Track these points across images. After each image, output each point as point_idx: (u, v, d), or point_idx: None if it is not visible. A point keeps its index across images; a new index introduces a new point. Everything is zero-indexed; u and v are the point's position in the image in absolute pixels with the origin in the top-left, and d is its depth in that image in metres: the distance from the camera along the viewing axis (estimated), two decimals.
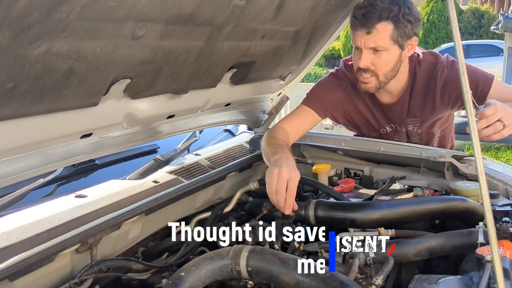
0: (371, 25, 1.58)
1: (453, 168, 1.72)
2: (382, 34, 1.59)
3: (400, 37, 1.61)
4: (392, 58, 1.64)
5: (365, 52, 1.63)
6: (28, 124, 0.99)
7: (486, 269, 0.96)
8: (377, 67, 1.64)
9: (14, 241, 0.99)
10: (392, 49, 1.62)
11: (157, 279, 1.20)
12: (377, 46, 1.61)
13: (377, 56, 1.63)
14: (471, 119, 0.82)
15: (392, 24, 1.58)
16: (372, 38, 1.60)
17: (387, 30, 1.59)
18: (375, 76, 1.66)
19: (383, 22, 1.58)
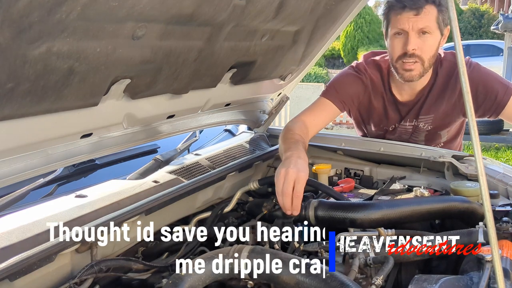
0: (420, 6, 1.59)
1: (453, 168, 1.72)
2: (430, 16, 1.60)
3: (442, 22, 1.63)
4: (435, 43, 1.66)
5: (413, 35, 1.62)
6: (28, 124, 0.99)
7: (486, 269, 0.96)
8: (423, 51, 1.64)
9: (14, 241, 0.99)
10: (435, 33, 1.64)
11: (157, 279, 1.20)
12: (425, 27, 1.61)
13: (422, 40, 1.63)
14: (471, 119, 0.82)
15: (435, 8, 1.61)
16: (421, 19, 1.60)
17: (433, 13, 1.61)
18: (420, 61, 1.66)
19: (430, 4, 1.60)
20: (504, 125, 7.95)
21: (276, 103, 2.06)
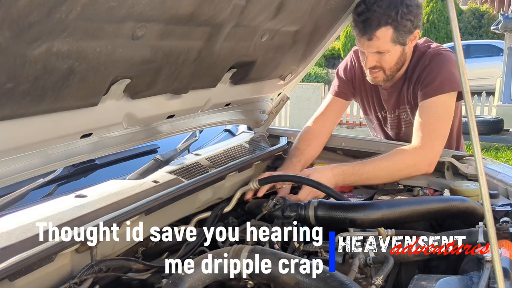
0: (371, 33, 1.64)
1: (453, 168, 1.72)
2: (382, 40, 1.65)
3: (401, 37, 1.66)
4: (395, 55, 1.71)
5: (369, 56, 1.72)
6: (28, 124, 0.99)
7: (486, 269, 0.96)
8: (382, 64, 1.73)
9: (14, 241, 0.99)
10: (394, 49, 1.69)
11: (157, 279, 1.20)
12: (379, 50, 1.68)
13: (380, 56, 1.70)
14: (471, 119, 0.82)
15: (391, 28, 1.63)
16: (373, 44, 1.67)
17: (387, 35, 1.65)
18: (382, 70, 1.75)
19: (382, 28, 1.63)
20: (504, 125, 7.95)
21: (276, 103, 2.06)
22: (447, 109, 1.70)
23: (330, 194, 1.50)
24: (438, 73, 1.69)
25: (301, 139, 1.93)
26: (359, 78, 1.95)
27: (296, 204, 1.37)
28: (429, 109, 1.68)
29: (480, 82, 11.29)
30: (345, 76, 1.97)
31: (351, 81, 1.96)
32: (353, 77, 1.96)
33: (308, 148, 1.88)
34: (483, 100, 8.84)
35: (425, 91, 1.71)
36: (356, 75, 1.95)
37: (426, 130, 1.66)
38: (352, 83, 1.97)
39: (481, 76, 11.78)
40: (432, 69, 1.72)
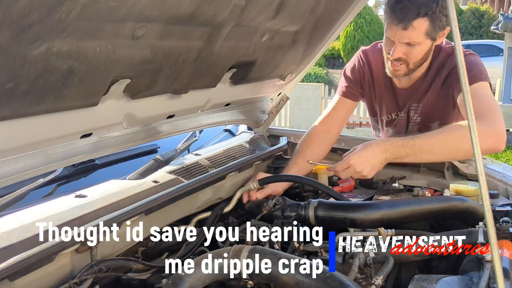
0: (408, 22, 1.58)
1: (453, 168, 1.72)
2: (417, 31, 1.59)
3: (434, 31, 1.61)
4: (424, 50, 1.67)
5: (398, 46, 1.65)
6: (28, 124, 0.99)
7: (486, 269, 0.96)
8: (408, 58, 1.67)
9: (14, 241, 0.99)
10: (425, 43, 1.64)
11: (157, 279, 1.20)
12: (411, 41, 1.62)
13: (409, 49, 1.65)
14: (471, 119, 0.82)
15: (428, 20, 1.58)
16: (407, 34, 1.60)
17: (423, 27, 1.59)
18: (405, 64, 1.69)
19: (420, 18, 1.57)
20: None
21: (276, 103, 2.07)
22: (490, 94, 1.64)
23: (330, 194, 1.50)
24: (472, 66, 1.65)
25: (302, 141, 1.89)
26: (368, 79, 1.91)
27: (296, 204, 1.37)
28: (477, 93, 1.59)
29: None
30: (353, 77, 1.93)
31: (360, 82, 1.93)
32: (362, 78, 1.92)
33: (307, 150, 1.83)
34: None
35: None
36: (365, 75, 1.91)
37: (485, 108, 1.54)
38: (361, 83, 1.93)
39: None
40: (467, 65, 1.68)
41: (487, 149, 1.52)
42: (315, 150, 1.84)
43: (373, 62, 1.88)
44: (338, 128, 1.94)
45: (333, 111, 1.94)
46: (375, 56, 1.86)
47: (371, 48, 1.92)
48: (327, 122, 1.92)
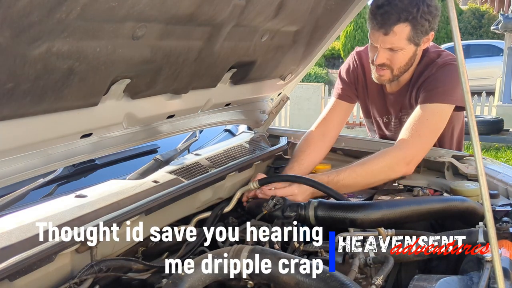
0: (389, 27, 1.60)
1: (453, 168, 1.72)
2: (399, 36, 1.61)
3: (417, 36, 1.63)
4: (407, 55, 1.68)
5: (381, 51, 1.67)
6: (28, 124, 0.99)
7: (486, 269, 0.96)
8: (392, 63, 1.69)
9: (14, 241, 0.99)
10: (407, 48, 1.66)
11: (157, 279, 1.20)
12: (394, 46, 1.64)
13: (392, 54, 1.67)
14: (471, 119, 0.82)
15: (409, 25, 1.60)
16: (389, 39, 1.62)
17: (404, 32, 1.61)
18: (390, 69, 1.71)
19: (401, 24, 1.59)
20: (504, 125, 7.95)
21: (276, 103, 2.06)
22: (441, 119, 1.68)
23: (330, 194, 1.50)
24: (443, 83, 1.67)
25: (299, 146, 1.89)
26: (362, 81, 1.92)
27: (296, 204, 1.37)
28: (424, 114, 1.66)
29: (480, 82, 11.28)
30: (348, 78, 1.94)
31: (354, 83, 1.93)
32: (356, 79, 1.93)
33: (303, 155, 1.83)
34: (483, 100, 8.84)
35: (426, 96, 1.69)
36: (359, 77, 1.92)
37: (412, 131, 1.64)
38: (355, 85, 1.94)
39: (481, 76, 11.78)
40: (438, 78, 1.69)
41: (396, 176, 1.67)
42: (311, 153, 1.85)
43: (366, 64, 1.88)
44: (335, 130, 1.93)
45: (329, 114, 1.94)
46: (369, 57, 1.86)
47: (365, 50, 1.92)
48: (324, 125, 1.92)
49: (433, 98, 1.67)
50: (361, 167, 1.63)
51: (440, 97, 1.66)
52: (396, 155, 1.63)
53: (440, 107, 1.66)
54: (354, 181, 1.61)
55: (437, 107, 1.66)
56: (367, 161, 1.65)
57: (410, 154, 1.63)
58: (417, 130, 1.64)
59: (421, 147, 1.66)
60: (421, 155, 1.67)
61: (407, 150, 1.63)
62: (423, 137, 1.65)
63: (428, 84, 1.70)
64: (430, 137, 1.67)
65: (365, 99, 1.97)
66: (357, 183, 1.62)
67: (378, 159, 1.64)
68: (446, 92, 1.66)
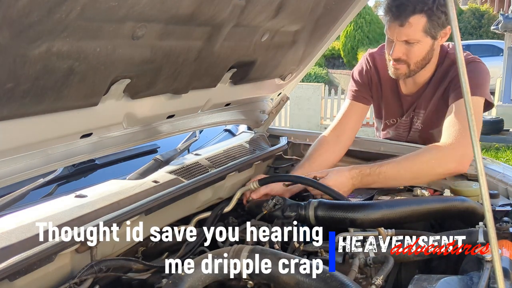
0: (404, 18, 1.59)
1: None
2: (414, 27, 1.60)
3: (433, 28, 1.61)
4: (424, 49, 1.66)
5: (398, 44, 1.65)
6: (28, 124, 0.99)
7: (486, 269, 0.96)
8: (408, 57, 1.67)
9: (14, 241, 0.99)
10: (424, 41, 1.64)
11: (157, 279, 1.20)
12: (409, 39, 1.63)
13: (409, 47, 1.65)
14: (471, 119, 0.82)
15: (425, 16, 1.59)
16: (404, 31, 1.61)
17: (420, 23, 1.59)
18: (406, 64, 1.69)
19: (417, 15, 1.58)
20: (504, 125, 7.95)
21: (276, 103, 2.06)
22: (479, 111, 1.65)
23: (330, 194, 1.50)
24: (473, 78, 1.63)
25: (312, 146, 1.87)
26: (376, 82, 1.90)
27: (296, 204, 1.37)
28: (461, 109, 1.61)
29: None
30: (362, 80, 1.92)
31: (368, 85, 1.92)
32: (370, 81, 1.91)
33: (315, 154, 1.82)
34: None
35: (459, 92, 1.65)
36: (373, 78, 1.90)
37: (458, 127, 1.58)
38: (369, 86, 1.92)
39: None
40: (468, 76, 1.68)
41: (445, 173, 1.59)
42: (324, 154, 1.83)
43: (380, 65, 1.87)
44: (350, 132, 1.90)
45: (344, 116, 1.91)
46: (382, 59, 1.85)
47: (378, 51, 1.91)
48: (338, 128, 1.89)
49: None
50: (406, 159, 1.58)
51: (473, 91, 1.61)
52: (445, 151, 1.56)
53: (475, 99, 1.63)
54: (397, 174, 1.56)
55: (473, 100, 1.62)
56: (414, 154, 1.60)
57: (460, 151, 1.55)
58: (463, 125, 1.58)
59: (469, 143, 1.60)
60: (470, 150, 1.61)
61: (456, 147, 1.55)
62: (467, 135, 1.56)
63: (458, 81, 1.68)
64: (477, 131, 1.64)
65: (379, 100, 1.95)
66: (401, 176, 1.57)
67: (426, 152, 1.59)
68: (477, 85, 1.64)
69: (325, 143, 1.86)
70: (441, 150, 1.57)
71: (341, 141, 1.87)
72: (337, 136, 1.87)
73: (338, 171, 1.58)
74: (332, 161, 1.85)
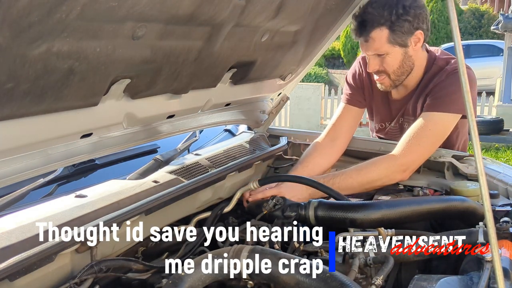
0: (366, 34, 1.65)
1: (453, 168, 1.72)
2: (378, 41, 1.65)
3: (398, 38, 1.65)
4: (396, 58, 1.69)
5: (371, 58, 1.71)
6: (28, 124, 0.99)
7: (486, 269, 0.96)
8: (385, 68, 1.71)
9: (14, 241, 0.99)
10: (393, 51, 1.67)
11: (157, 279, 1.20)
12: (377, 52, 1.67)
13: (381, 59, 1.69)
14: (471, 119, 0.82)
15: (387, 28, 1.63)
16: (370, 46, 1.67)
17: (382, 36, 1.64)
18: (386, 75, 1.73)
19: (376, 29, 1.63)
20: (504, 125, 7.96)
21: (276, 103, 2.06)
22: (444, 129, 1.68)
23: (331, 194, 1.50)
24: (451, 92, 1.66)
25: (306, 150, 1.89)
26: (368, 86, 1.92)
27: (296, 204, 1.37)
28: (427, 123, 1.65)
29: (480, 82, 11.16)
30: (355, 83, 1.94)
31: (361, 88, 1.94)
32: (362, 84, 1.93)
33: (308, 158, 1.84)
34: (483, 100, 8.83)
35: (432, 103, 1.67)
36: (365, 82, 1.92)
37: (412, 140, 1.64)
38: (362, 90, 1.94)
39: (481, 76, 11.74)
40: (446, 86, 1.68)
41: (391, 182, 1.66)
42: (317, 157, 1.85)
43: None
44: (345, 136, 1.91)
45: (338, 120, 1.93)
46: None
47: None
48: (333, 131, 1.91)
49: (439, 107, 1.66)
50: (357, 172, 1.65)
51: (446, 106, 1.65)
52: (393, 163, 1.65)
53: (445, 116, 1.66)
54: (349, 186, 1.63)
55: (441, 117, 1.65)
56: (364, 167, 1.66)
57: (406, 162, 1.64)
58: (418, 138, 1.64)
59: (418, 156, 1.66)
60: (418, 163, 1.68)
61: (404, 158, 1.64)
62: (422, 147, 1.65)
63: (437, 92, 1.69)
64: (430, 147, 1.68)
65: (371, 103, 1.97)
66: (352, 187, 1.64)
67: (375, 165, 1.66)
68: (453, 101, 1.65)
69: (319, 147, 1.88)
70: (390, 163, 1.65)
71: (335, 145, 1.89)
72: (332, 140, 1.89)
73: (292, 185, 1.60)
74: (327, 164, 1.88)
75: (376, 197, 1.61)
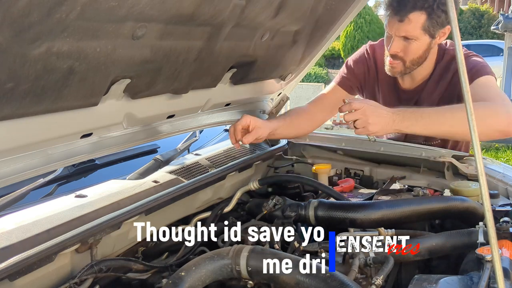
0: (404, 14, 1.58)
1: (453, 168, 1.72)
2: (414, 24, 1.59)
3: (432, 27, 1.60)
4: (421, 47, 1.66)
5: (396, 40, 1.65)
6: (28, 124, 0.99)
7: (486, 269, 0.96)
8: (405, 54, 1.67)
9: (14, 241, 0.99)
10: (422, 39, 1.63)
11: (157, 279, 1.20)
12: (408, 35, 1.62)
13: (407, 44, 1.64)
14: (471, 118, 0.82)
15: (425, 14, 1.58)
16: (403, 27, 1.60)
17: (419, 20, 1.59)
18: (402, 62, 1.69)
19: (417, 11, 1.57)
20: None
21: (276, 103, 2.06)
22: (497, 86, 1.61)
23: (330, 194, 1.50)
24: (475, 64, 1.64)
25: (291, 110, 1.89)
26: (374, 73, 1.88)
27: (296, 204, 1.37)
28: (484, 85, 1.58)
29: None
30: (356, 68, 1.90)
31: (363, 74, 1.90)
32: (366, 72, 1.89)
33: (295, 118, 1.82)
34: None
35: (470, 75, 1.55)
36: (370, 70, 1.88)
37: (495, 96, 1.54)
38: (364, 76, 1.90)
39: None
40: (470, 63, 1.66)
41: (499, 129, 1.47)
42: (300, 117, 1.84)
43: (379, 57, 1.85)
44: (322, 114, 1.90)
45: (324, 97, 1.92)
46: (382, 51, 1.83)
47: (379, 43, 1.90)
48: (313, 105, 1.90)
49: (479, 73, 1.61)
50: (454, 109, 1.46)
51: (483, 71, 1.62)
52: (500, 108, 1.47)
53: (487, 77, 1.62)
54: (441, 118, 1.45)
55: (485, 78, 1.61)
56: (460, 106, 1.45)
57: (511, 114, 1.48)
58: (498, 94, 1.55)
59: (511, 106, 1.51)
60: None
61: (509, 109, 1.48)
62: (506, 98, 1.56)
63: None
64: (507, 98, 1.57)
65: (375, 93, 1.93)
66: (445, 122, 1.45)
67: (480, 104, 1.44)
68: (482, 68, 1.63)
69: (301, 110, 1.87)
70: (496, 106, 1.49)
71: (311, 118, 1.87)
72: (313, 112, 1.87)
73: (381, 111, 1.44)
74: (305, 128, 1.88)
75: (376, 197, 1.61)
